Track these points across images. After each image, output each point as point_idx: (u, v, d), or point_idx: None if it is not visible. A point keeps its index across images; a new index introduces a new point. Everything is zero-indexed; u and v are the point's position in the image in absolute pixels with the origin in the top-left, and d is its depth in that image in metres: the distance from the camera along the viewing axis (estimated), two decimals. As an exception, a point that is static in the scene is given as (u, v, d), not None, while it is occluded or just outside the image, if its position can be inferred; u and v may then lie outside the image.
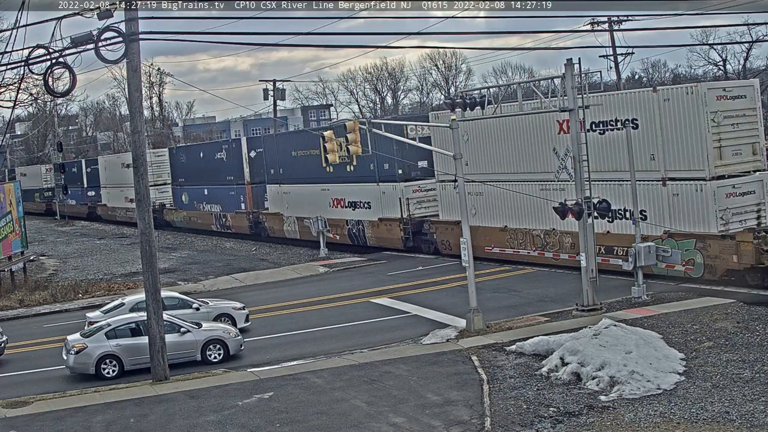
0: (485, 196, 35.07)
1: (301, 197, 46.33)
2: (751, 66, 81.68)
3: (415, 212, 39.98)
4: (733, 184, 27.47)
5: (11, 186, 43.32)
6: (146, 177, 22.69)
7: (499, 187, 33.47)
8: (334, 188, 44.11)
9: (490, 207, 35.27)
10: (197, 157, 58.75)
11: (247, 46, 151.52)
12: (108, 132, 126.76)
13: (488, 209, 35.38)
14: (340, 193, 43.85)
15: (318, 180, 44.70)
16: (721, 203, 27.04)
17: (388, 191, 40.44)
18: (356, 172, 41.74)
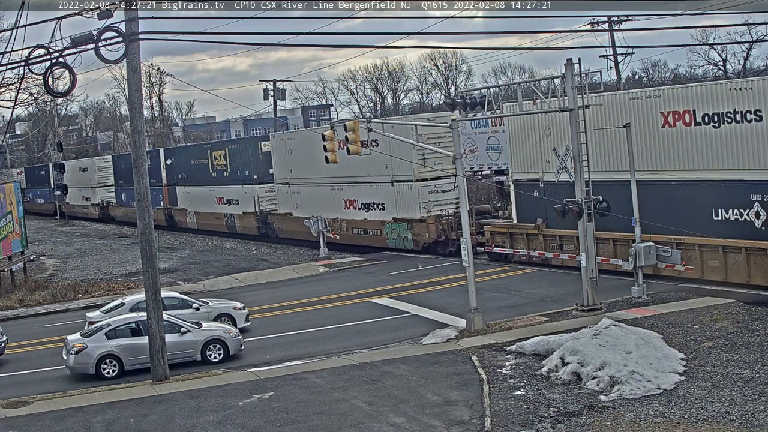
0: (302, 195, 46.53)
1: (197, 196, 57.60)
2: (751, 66, 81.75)
3: (266, 207, 50.68)
4: (435, 184, 38.34)
5: (11, 186, 43.34)
6: (146, 177, 22.69)
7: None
8: (217, 189, 55.22)
9: (305, 202, 46.24)
10: (129, 164, 62.30)
11: (246, 46, 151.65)
12: (108, 132, 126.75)
13: (305, 204, 46.31)
14: (221, 193, 54.93)
15: (207, 183, 56.06)
16: (425, 198, 38.21)
17: (248, 191, 51.63)
18: (229, 177, 53.63)
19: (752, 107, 25.63)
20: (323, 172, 42.24)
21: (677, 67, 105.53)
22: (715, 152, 26.89)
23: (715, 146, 26.84)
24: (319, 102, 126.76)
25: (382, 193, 40.68)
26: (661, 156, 28.52)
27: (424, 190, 38.30)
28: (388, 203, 40.34)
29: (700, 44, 75.24)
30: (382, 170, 39.39)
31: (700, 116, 27.16)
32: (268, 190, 50.05)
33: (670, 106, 27.98)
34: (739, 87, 26.11)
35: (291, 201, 47.41)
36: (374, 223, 40.98)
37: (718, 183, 26.83)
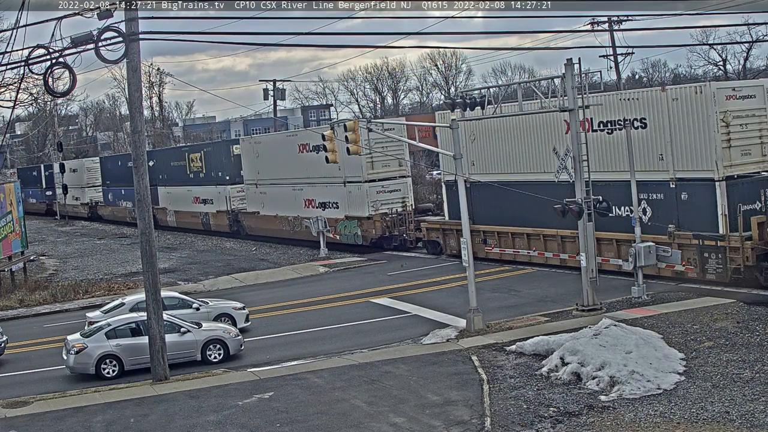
0: (268, 194, 49.60)
1: (176, 196, 60.93)
2: (751, 66, 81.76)
3: (237, 206, 53.84)
4: (382, 185, 41.46)
5: (11, 186, 43.33)
6: (146, 177, 22.73)
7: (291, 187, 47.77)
8: (194, 189, 58.41)
9: (271, 201, 49.44)
10: (116, 165, 72.36)
11: (246, 46, 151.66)
12: (108, 132, 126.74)
13: (270, 203, 49.53)
14: (197, 193, 58.03)
15: (185, 183, 59.17)
16: (373, 197, 41.12)
17: (221, 191, 54.94)
18: (205, 178, 57.00)
19: (638, 115, 28.89)
20: (286, 173, 47.22)
21: (677, 67, 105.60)
22: (610, 156, 30.04)
23: (609, 150, 30.02)
24: (319, 102, 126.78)
25: (336, 193, 43.70)
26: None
27: (372, 190, 41.46)
28: (341, 202, 43.35)
29: (700, 44, 75.29)
30: (336, 172, 41.82)
31: (597, 124, 30.37)
32: (239, 190, 53.16)
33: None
34: (628, 98, 29.27)
35: (258, 200, 50.78)
36: (330, 220, 43.60)
37: (612, 183, 29.20)
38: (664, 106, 27.78)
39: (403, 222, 41.11)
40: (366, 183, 41.34)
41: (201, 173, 57.19)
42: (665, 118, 27.48)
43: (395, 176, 41.54)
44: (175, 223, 61.68)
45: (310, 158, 44.57)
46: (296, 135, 49.54)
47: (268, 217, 49.41)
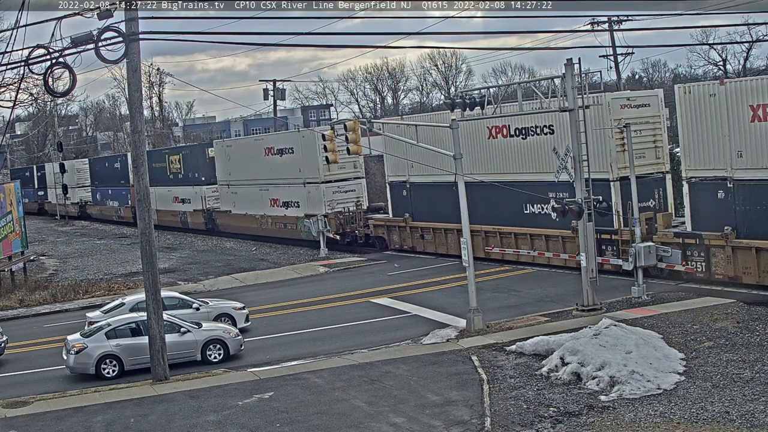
0: (239, 194, 52.74)
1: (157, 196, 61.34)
2: (751, 66, 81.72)
3: (212, 206, 57.03)
4: (338, 185, 44.48)
5: (11, 186, 43.32)
6: (146, 177, 22.73)
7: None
8: (174, 189, 61.13)
9: (241, 201, 52.67)
10: (104, 166, 76.29)
11: (245, 46, 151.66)
12: (108, 132, 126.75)
13: (240, 202, 52.80)
14: (176, 193, 61.13)
15: (165, 183, 61.74)
16: (329, 197, 44.27)
17: (197, 191, 58.16)
18: (183, 178, 60.29)
19: (548, 123, 32.18)
20: (254, 174, 50.70)
21: (677, 67, 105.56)
22: (524, 159, 33.69)
23: (523, 154, 33.66)
24: (319, 102, 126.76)
25: (297, 192, 46.93)
26: (487, 162, 35.34)
27: (328, 190, 44.69)
28: (302, 201, 46.53)
29: (700, 44, 75.20)
30: (296, 173, 46.14)
31: (513, 130, 33.98)
32: (213, 190, 56.56)
33: (494, 121, 33.75)
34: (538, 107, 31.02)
35: (230, 200, 54.22)
36: (291, 218, 47.38)
37: (526, 183, 32.59)
38: (566, 114, 27.88)
39: (355, 220, 43.76)
40: (323, 184, 44.55)
41: (180, 174, 60.45)
42: (568, 123, 28.29)
43: (351, 177, 45.04)
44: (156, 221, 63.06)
45: (275, 161, 48.63)
46: (263, 139, 53.75)
47: (238, 215, 52.79)
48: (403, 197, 40.85)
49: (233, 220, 53.70)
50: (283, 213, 48.48)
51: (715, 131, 26.73)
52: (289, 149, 46.97)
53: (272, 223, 49.52)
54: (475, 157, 35.22)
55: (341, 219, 43.75)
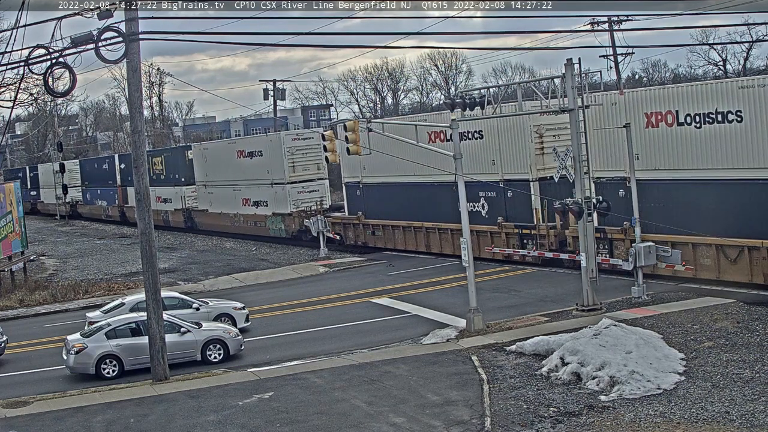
0: (214, 194, 56.04)
1: None
2: (751, 66, 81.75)
3: (191, 205, 59.91)
4: (303, 186, 48.06)
5: (11, 186, 43.31)
6: (146, 177, 22.70)
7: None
8: (157, 189, 61.41)
9: (216, 200, 56.00)
10: (93, 167, 78.95)
11: (246, 45, 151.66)
12: (108, 132, 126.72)
13: (216, 201, 56.13)
14: (159, 193, 62.68)
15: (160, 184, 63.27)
16: (294, 197, 47.52)
17: (177, 191, 61.02)
18: (165, 179, 63.22)
19: (478, 129, 34.37)
20: (228, 176, 54.05)
21: (677, 67, 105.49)
22: (467, 162, 32.57)
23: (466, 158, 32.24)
24: (319, 102, 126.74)
25: (265, 192, 49.99)
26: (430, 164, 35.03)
27: (293, 190, 47.91)
28: (270, 201, 49.62)
29: (700, 44, 75.29)
30: (265, 174, 49.45)
31: (449, 135, 32.55)
32: (192, 190, 59.48)
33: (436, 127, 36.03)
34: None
35: (207, 199, 57.34)
36: (261, 216, 50.60)
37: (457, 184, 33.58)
38: (494, 121, 32.12)
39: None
40: (288, 184, 47.79)
41: (162, 175, 63.45)
42: (495, 130, 32.53)
43: (315, 178, 48.44)
44: None
45: (246, 163, 51.94)
46: (235, 143, 57.31)
47: (214, 214, 56.21)
48: (356, 197, 43.77)
49: (210, 219, 56.78)
50: (253, 212, 51.58)
51: (617, 136, 28.89)
52: (258, 152, 50.56)
53: (244, 221, 52.79)
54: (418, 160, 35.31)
55: (304, 217, 46.47)
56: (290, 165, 47.55)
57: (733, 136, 25.92)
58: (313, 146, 47.60)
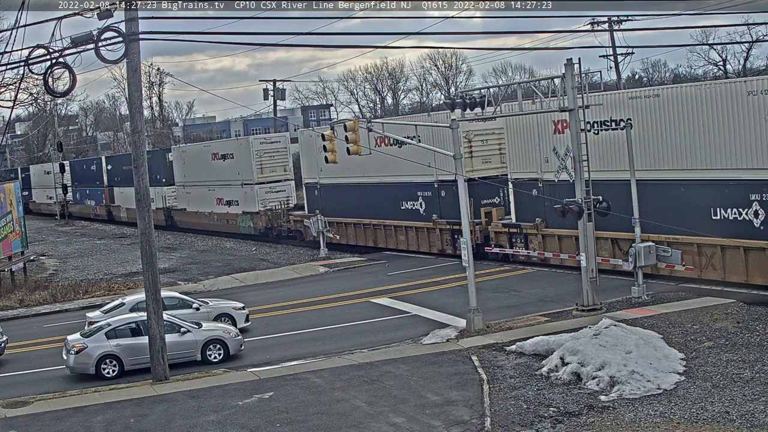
0: (192, 194, 59.73)
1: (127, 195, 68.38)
2: (752, 66, 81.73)
3: (171, 204, 63.44)
4: (270, 186, 51.45)
5: (11, 186, 43.32)
6: (146, 177, 22.74)
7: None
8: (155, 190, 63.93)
9: (194, 200, 59.50)
10: (82, 168, 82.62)
11: (245, 46, 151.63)
12: (108, 132, 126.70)
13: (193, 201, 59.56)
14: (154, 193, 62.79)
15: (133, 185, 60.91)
16: (262, 197, 51.03)
17: (159, 191, 62.70)
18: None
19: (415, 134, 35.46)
20: (203, 177, 57.60)
21: (677, 67, 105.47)
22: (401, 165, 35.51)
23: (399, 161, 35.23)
24: (319, 102, 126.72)
25: (236, 192, 53.58)
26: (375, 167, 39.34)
27: (261, 190, 51.36)
28: (240, 200, 53.30)
29: (700, 44, 75.21)
30: (236, 176, 53.07)
31: (392, 140, 35.39)
32: (173, 190, 62.92)
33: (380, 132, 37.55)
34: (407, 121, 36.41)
35: (185, 199, 60.93)
36: (233, 215, 54.39)
37: (401, 184, 39.75)
38: (430, 128, 34.92)
39: (281, 216, 50.17)
40: (257, 185, 51.34)
41: None
42: (430, 135, 34.43)
43: (281, 179, 51.89)
44: (126, 219, 70.65)
45: (219, 165, 55.54)
46: (210, 146, 60.92)
47: (192, 212, 59.78)
48: (315, 196, 47.24)
49: (188, 217, 60.38)
50: (226, 210, 55.36)
51: (530, 141, 33.09)
52: (230, 155, 54.15)
53: (218, 219, 56.46)
54: (366, 163, 38.76)
55: (269, 215, 50.51)
56: (258, 167, 51.48)
57: (624, 141, 28.06)
58: (280, 149, 51.76)
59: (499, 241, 35.91)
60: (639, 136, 28.31)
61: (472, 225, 34.86)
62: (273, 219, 50.57)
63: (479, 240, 36.07)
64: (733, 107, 25.87)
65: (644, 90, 30.20)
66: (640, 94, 29.14)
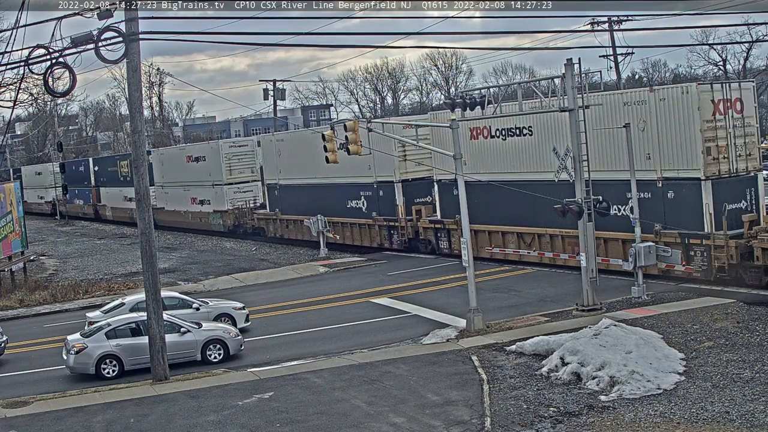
0: (170, 194, 63.16)
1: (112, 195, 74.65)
2: (752, 66, 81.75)
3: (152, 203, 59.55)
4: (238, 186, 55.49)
5: (11, 186, 43.32)
6: (146, 177, 22.74)
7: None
8: (123, 190, 70.04)
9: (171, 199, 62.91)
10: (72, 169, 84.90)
11: (245, 45, 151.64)
12: (108, 132, 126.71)
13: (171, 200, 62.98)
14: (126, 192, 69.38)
15: (118, 185, 72.53)
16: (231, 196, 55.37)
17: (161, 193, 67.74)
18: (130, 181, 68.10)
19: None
20: (179, 177, 61.30)
21: (677, 67, 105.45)
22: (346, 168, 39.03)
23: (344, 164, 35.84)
24: (319, 102, 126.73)
25: (208, 192, 57.46)
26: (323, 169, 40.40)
27: (230, 190, 55.50)
28: (212, 199, 57.22)
29: (700, 44, 75.20)
30: (208, 177, 56.91)
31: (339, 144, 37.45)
32: (153, 191, 61.89)
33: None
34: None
35: (164, 198, 64.05)
36: (205, 213, 58.36)
37: (348, 185, 43.31)
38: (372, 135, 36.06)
39: (246, 214, 54.13)
40: (226, 185, 55.48)
41: (128, 177, 69.29)
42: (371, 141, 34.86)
43: (249, 180, 55.71)
44: (111, 217, 75.71)
45: (193, 167, 59.12)
46: (185, 149, 65.11)
47: (169, 211, 63.23)
48: (275, 196, 51.00)
49: (166, 215, 63.23)
50: (199, 209, 59.00)
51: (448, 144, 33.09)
52: (202, 157, 58.20)
53: (192, 217, 60.06)
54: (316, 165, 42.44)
55: (236, 213, 54.55)
56: (227, 169, 55.77)
57: (526, 146, 33.08)
58: (248, 153, 55.90)
59: (426, 236, 39.66)
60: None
61: (405, 221, 40.12)
62: (240, 217, 54.35)
63: (411, 235, 40.20)
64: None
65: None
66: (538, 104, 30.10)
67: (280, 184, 50.21)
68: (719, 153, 27.48)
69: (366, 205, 42.95)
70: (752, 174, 28.23)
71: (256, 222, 52.85)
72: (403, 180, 40.33)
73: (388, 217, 41.14)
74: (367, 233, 43.02)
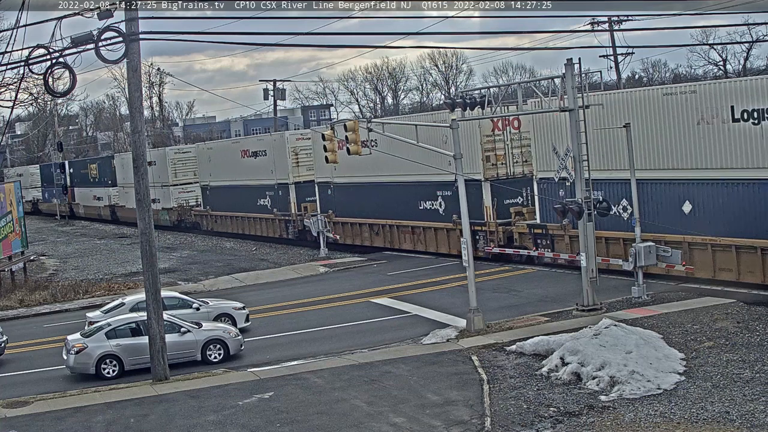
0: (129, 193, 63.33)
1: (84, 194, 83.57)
2: (752, 66, 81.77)
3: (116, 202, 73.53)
4: (183, 187, 63.04)
5: (11, 186, 43.30)
6: (146, 177, 22.73)
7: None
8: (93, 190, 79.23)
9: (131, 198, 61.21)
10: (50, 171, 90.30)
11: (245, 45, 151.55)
12: (108, 132, 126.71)
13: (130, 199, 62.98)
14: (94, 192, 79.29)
15: (88, 185, 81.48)
16: (176, 195, 63.07)
17: (106, 191, 76.11)
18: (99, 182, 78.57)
19: (263, 149, 50.74)
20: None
21: (677, 67, 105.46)
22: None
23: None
24: (319, 102, 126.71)
25: (158, 192, 61.78)
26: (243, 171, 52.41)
27: (175, 190, 63.38)
28: (162, 198, 63.80)
29: (700, 44, 75.25)
30: (158, 178, 61.74)
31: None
32: (117, 191, 73.60)
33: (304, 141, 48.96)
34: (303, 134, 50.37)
35: (125, 197, 70.05)
36: (156, 210, 60.93)
37: (256, 186, 51.71)
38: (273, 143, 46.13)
39: (187, 211, 62.01)
40: (171, 186, 63.25)
41: (96, 178, 79.51)
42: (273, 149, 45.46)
43: (191, 182, 62.85)
44: (83, 214, 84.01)
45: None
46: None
47: (128, 208, 68.06)
48: (207, 195, 59.96)
49: (126, 213, 69.63)
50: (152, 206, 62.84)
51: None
52: (154, 161, 62.84)
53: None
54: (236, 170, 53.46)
55: (179, 211, 62.44)
56: (173, 172, 63.40)
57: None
58: (191, 158, 63.09)
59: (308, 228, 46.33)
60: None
61: (295, 216, 48.22)
62: (182, 213, 62.50)
63: (300, 228, 47.61)
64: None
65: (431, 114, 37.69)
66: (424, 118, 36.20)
67: (210, 185, 59.12)
68: (497, 160, 35.52)
69: (270, 203, 51.45)
70: (528, 176, 35.07)
71: (194, 218, 61.77)
72: (296, 182, 48.98)
73: (285, 213, 49.94)
74: (271, 226, 51.63)
